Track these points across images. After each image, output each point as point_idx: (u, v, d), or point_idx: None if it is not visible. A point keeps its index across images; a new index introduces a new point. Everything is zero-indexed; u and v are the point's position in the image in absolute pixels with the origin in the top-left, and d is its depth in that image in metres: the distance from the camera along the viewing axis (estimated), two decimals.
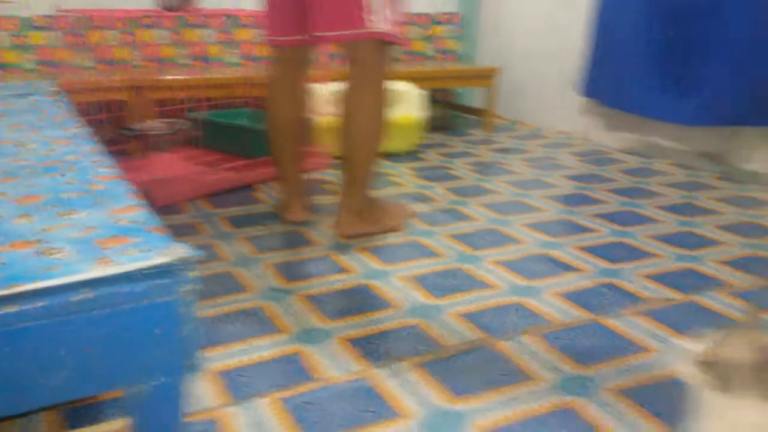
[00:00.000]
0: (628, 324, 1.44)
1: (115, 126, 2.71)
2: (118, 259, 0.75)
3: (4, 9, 2.89)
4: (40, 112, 1.71)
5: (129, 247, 0.80)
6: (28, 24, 2.94)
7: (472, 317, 1.46)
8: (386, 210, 2.02)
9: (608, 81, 3.00)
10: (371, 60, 1.80)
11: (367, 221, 1.94)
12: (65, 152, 1.28)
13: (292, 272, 1.69)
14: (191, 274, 0.74)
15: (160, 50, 3.17)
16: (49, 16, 2.95)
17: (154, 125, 2.47)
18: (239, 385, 1.20)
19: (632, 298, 1.57)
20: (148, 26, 3.13)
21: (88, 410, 1.12)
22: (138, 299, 0.71)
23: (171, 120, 2.63)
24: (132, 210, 0.95)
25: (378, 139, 1.87)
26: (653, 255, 1.82)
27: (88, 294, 0.70)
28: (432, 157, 2.91)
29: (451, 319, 1.45)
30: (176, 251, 0.75)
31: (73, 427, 1.09)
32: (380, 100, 1.83)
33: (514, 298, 1.56)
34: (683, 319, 1.46)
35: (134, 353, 0.73)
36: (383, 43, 1.80)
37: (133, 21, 3.07)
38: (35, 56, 2.98)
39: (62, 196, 1.00)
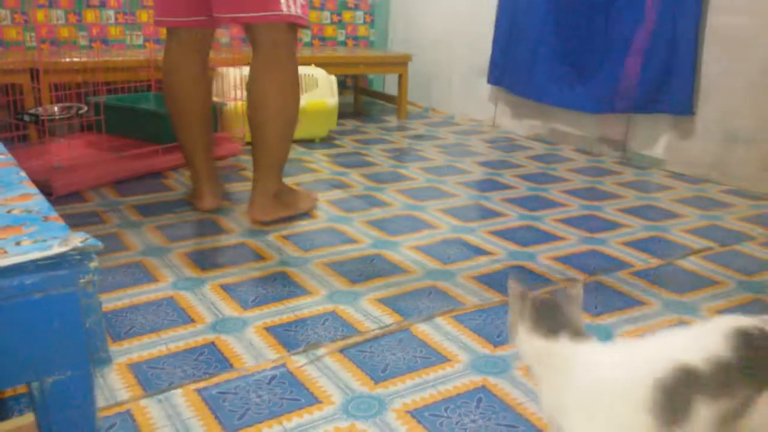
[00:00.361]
0: None
1: (11, 111, 2.54)
2: (12, 250, 0.70)
3: None
4: None
5: (23, 237, 0.75)
6: None
7: (388, 302, 1.46)
8: (297, 194, 2.00)
9: (513, 70, 3.08)
10: (282, 42, 1.76)
11: (282, 205, 1.91)
12: None
13: (205, 261, 1.64)
14: (91, 264, 0.70)
15: (57, 31, 3.00)
16: None
17: (53, 110, 2.34)
18: (152, 377, 1.16)
19: (541, 279, 1.61)
20: (43, 6, 2.95)
21: None
22: (33, 292, 0.67)
23: (70, 104, 2.50)
24: (26, 198, 0.89)
25: (291, 121, 1.84)
26: (560, 238, 1.89)
27: None
28: (347, 144, 2.90)
29: (368, 305, 1.45)
30: (74, 241, 0.71)
31: None
32: (293, 82, 1.81)
33: (429, 282, 1.57)
34: (588, 299, 1.51)
35: (32, 348, 0.68)
36: (293, 26, 1.78)
37: (26, 0, 2.89)
38: None
39: None
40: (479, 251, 1.77)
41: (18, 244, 0.72)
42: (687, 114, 2.49)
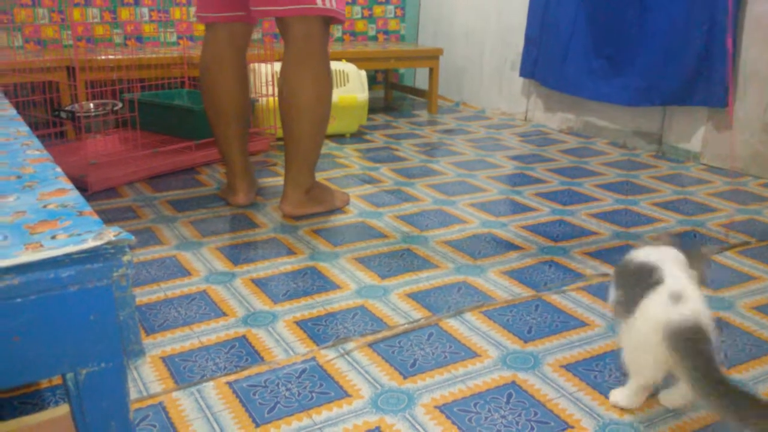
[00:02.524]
0: (569, 300, 1.47)
1: (48, 108, 2.60)
2: (48, 244, 0.72)
3: None
4: None
5: (59, 231, 0.76)
6: None
7: (417, 297, 1.46)
8: (330, 191, 2.01)
9: (546, 62, 3.05)
10: (316, 36, 1.77)
11: (313, 201, 1.92)
12: None
13: (237, 255, 1.66)
14: (124, 258, 0.72)
15: (92, 29, 3.06)
16: None
17: (89, 107, 2.38)
18: (184, 370, 1.18)
19: (573, 274, 1.60)
20: (79, 5, 3.00)
21: (28, 398, 1.08)
22: (69, 285, 0.68)
23: (105, 101, 2.54)
24: (62, 193, 0.91)
25: (323, 116, 1.84)
26: (593, 232, 1.86)
27: (14, 280, 0.67)
28: (377, 138, 2.90)
29: (397, 300, 1.45)
30: (108, 235, 0.73)
31: (11, 416, 1.04)
32: (325, 77, 1.82)
33: (459, 277, 1.57)
34: None
35: (68, 340, 0.70)
36: (327, 19, 1.78)
37: None
38: None
39: None
40: (510, 246, 1.76)
41: (54, 238, 0.74)
42: (722, 106, 2.43)
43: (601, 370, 1.20)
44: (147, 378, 1.15)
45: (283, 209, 1.91)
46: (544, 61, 3.05)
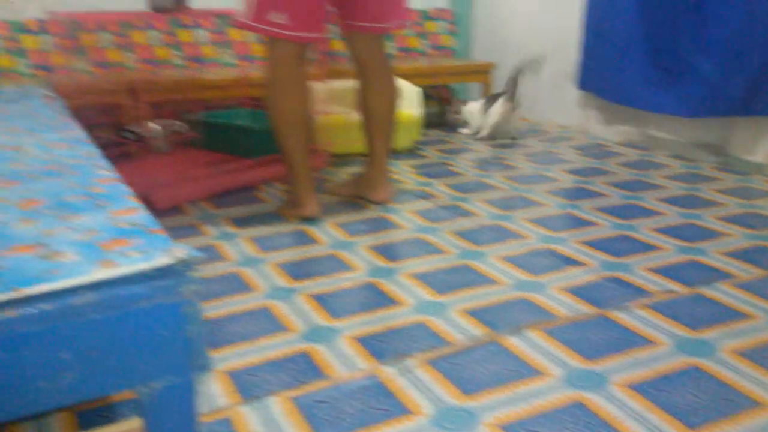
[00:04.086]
0: (634, 317, 1.43)
1: (112, 129, 2.69)
2: (121, 261, 0.74)
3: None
4: (36, 116, 1.70)
5: (131, 249, 0.79)
6: (21, 28, 2.92)
7: (477, 313, 1.45)
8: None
9: (604, 74, 3.00)
10: (386, 51, 2.11)
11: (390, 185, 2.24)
12: (64, 156, 1.27)
13: (298, 271, 1.68)
14: (193, 275, 0.73)
15: (154, 52, 3.16)
16: (42, 20, 2.94)
17: (152, 127, 2.45)
18: (250, 384, 1.19)
19: (637, 291, 1.56)
20: (141, 28, 3.11)
21: (102, 411, 1.11)
22: (141, 301, 0.70)
23: (168, 121, 2.62)
24: (132, 212, 0.94)
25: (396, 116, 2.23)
26: (656, 248, 1.81)
27: (90, 297, 0.69)
28: (432, 154, 2.90)
29: (457, 316, 1.44)
30: (177, 252, 0.74)
31: (87, 427, 1.08)
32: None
33: (519, 294, 1.55)
34: (689, 312, 1.45)
35: (140, 354, 0.72)
36: None
37: (126, 23, 3.05)
38: (29, 60, 2.97)
39: (63, 199, 0.99)
40: (570, 262, 1.72)
41: (126, 255, 0.76)
42: None
43: (670, 390, 1.16)
44: (213, 392, 1.17)
45: (380, 196, 2.19)
46: (601, 72, 3.00)
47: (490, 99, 3.18)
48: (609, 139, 3.15)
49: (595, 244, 1.84)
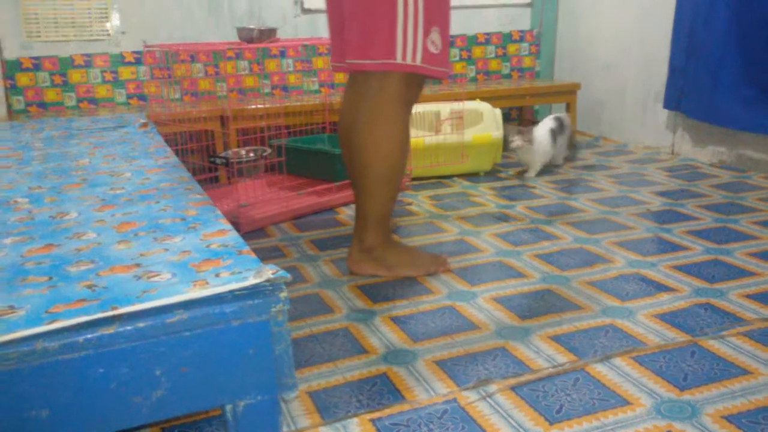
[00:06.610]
0: (728, 346, 1.36)
1: (203, 155, 2.81)
2: (213, 281, 0.77)
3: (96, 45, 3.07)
4: (132, 143, 1.80)
5: (222, 269, 0.82)
6: (119, 60, 3.10)
7: (561, 339, 1.41)
8: (410, 256, 1.83)
9: (693, 92, 2.89)
10: (389, 92, 1.64)
11: (377, 262, 1.79)
12: (158, 180, 1.33)
13: (376, 293, 1.69)
14: (281, 295, 0.75)
15: (242, 80, 3.28)
16: (138, 52, 3.11)
17: (240, 153, 2.54)
18: (330, 405, 1.20)
19: (732, 318, 1.48)
20: (231, 58, 3.24)
21: (188, 428, 1.15)
22: (231, 319, 0.73)
23: (255, 147, 2.71)
24: (222, 234, 0.98)
25: (388, 176, 1.70)
26: (753, 273, 1.72)
27: (183, 315, 0.72)
28: (512, 176, 2.87)
29: (539, 341, 1.41)
30: (266, 273, 0.77)
31: None
32: (393, 136, 1.67)
33: (606, 320, 1.50)
34: None
35: (229, 372, 0.74)
36: (413, 75, 1.64)
37: (217, 53, 3.19)
38: (126, 90, 3.15)
39: (158, 222, 1.04)
40: (661, 287, 1.66)
41: (217, 275, 0.79)
42: None
43: None
44: (295, 412, 1.19)
45: (347, 262, 1.83)
46: (692, 91, 2.90)
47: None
48: (700, 160, 3.02)
49: (687, 269, 1.76)
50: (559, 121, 2.92)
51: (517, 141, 2.70)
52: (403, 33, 1.58)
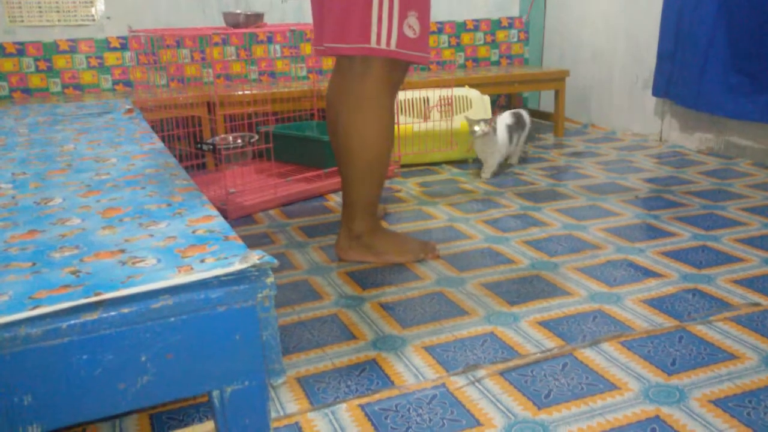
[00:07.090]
0: (715, 330, 1.37)
1: (189, 141, 2.79)
2: (198, 267, 0.76)
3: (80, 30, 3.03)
4: (117, 129, 1.77)
5: (208, 255, 0.81)
6: (104, 45, 3.07)
7: (550, 325, 1.42)
8: (398, 243, 1.81)
9: (681, 79, 2.89)
10: (373, 77, 1.62)
11: (366, 249, 1.78)
12: (143, 166, 1.31)
13: (365, 280, 1.68)
14: (268, 280, 0.74)
15: (230, 66, 3.25)
16: (123, 37, 3.07)
17: (228, 139, 2.53)
18: (318, 391, 1.20)
19: (719, 303, 1.49)
20: (218, 44, 3.21)
21: (175, 414, 1.14)
22: (217, 305, 0.72)
23: (243, 134, 2.69)
24: (208, 220, 0.97)
25: (374, 162, 1.69)
26: (740, 259, 1.73)
27: (168, 301, 0.71)
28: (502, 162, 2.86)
29: (528, 327, 1.41)
30: (252, 258, 0.76)
31: (160, 430, 1.11)
32: (378, 121, 1.66)
33: (594, 305, 1.50)
34: None
35: (215, 358, 0.73)
36: (389, 60, 1.62)
37: (204, 39, 3.16)
38: (111, 76, 3.11)
39: (143, 208, 1.03)
40: (648, 273, 1.67)
41: (203, 261, 0.78)
42: None
43: (755, 407, 1.10)
44: (283, 398, 1.19)
45: (335, 249, 1.83)
46: (680, 79, 2.90)
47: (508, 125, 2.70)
48: (687, 147, 3.04)
49: (675, 255, 1.77)
50: (517, 117, 2.71)
51: (481, 126, 2.48)
52: (377, 17, 1.56)
